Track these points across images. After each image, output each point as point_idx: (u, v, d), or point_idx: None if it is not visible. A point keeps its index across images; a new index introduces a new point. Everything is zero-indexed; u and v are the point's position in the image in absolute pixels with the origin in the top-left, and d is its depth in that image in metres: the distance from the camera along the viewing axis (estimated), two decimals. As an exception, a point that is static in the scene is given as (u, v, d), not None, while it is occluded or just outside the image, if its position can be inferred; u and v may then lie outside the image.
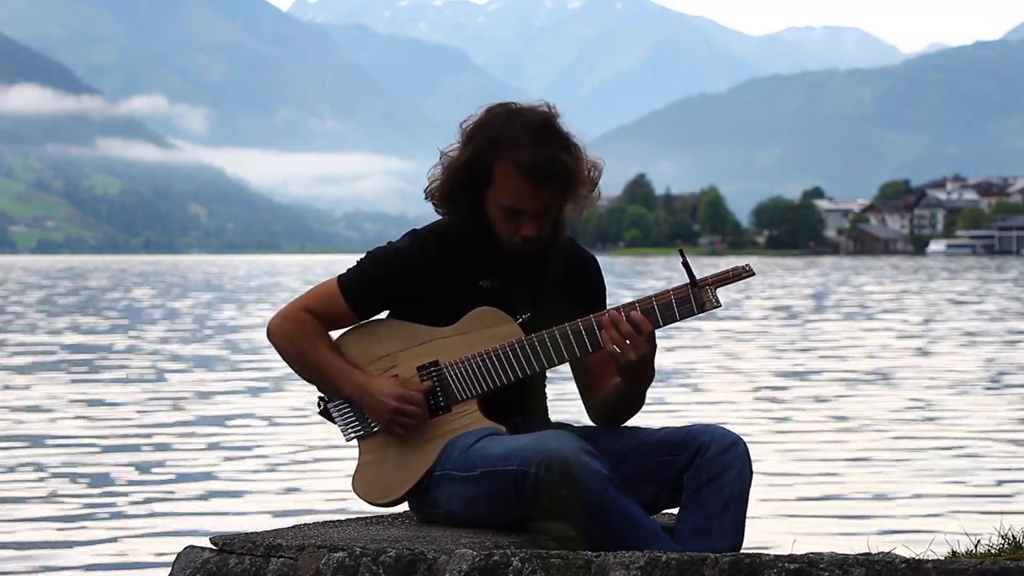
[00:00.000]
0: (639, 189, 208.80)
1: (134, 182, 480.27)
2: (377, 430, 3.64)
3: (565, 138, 3.59)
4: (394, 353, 3.64)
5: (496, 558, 3.09)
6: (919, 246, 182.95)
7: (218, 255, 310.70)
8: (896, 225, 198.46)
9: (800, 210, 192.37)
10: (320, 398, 3.71)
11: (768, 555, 2.93)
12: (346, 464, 8.06)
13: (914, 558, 2.87)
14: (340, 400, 3.67)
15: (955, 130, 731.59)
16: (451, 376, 3.61)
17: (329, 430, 4.36)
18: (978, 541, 4.35)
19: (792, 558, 2.89)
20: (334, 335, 3.70)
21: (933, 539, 5.43)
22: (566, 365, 3.66)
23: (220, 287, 55.72)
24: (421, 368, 3.62)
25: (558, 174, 3.54)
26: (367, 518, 3.85)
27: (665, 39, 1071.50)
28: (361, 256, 3.70)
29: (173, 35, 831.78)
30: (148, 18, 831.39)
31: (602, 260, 3.86)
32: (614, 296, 3.79)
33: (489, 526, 3.53)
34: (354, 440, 3.68)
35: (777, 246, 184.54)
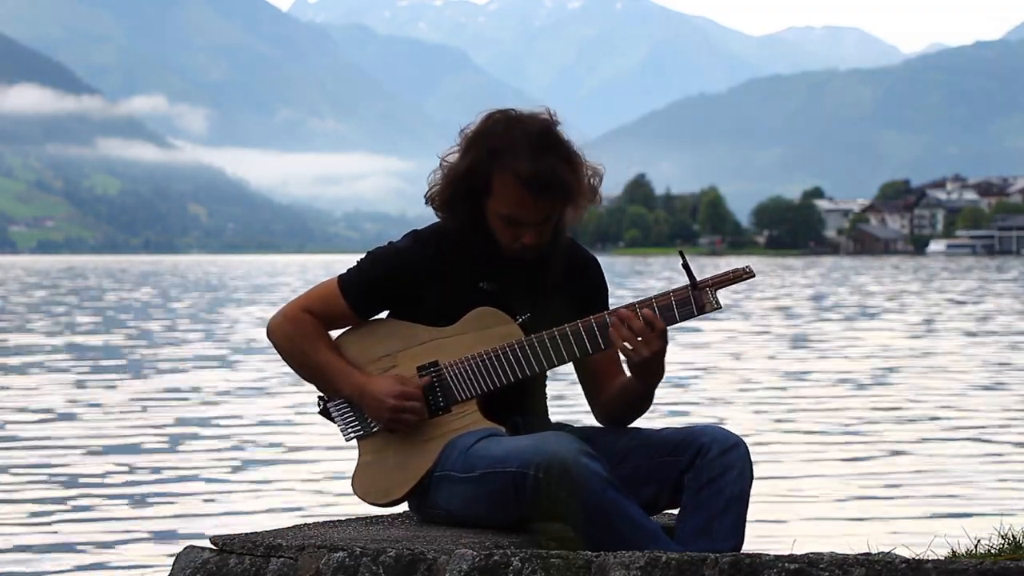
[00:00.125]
0: (639, 189, 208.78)
1: (134, 182, 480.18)
2: (377, 430, 3.64)
3: (565, 147, 3.58)
4: (394, 353, 3.64)
5: (496, 558, 3.09)
6: (919, 246, 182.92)
7: (218, 255, 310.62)
8: (896, 225, 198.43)
9: (800, 210, 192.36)
10: (320, 398, 3.71)
11: (768, 555, 2.93)
12: (346, 464, 8.06)
13: (914, 558, 2.87)
14: (340, 400, 3.67)
15: (955, 130, 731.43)
16: (451, 376, 3.60)
17: (329, 430, 4.35)
18: (978, 541, 4.35)
19: (792, 558, 2.89)
20: (334, 335, 3.69)
21: (933, 539, 5.42)
22: (568, 366, 3.65)
23: (220, 287, 55.70)
24: (421, 368, 3.61)
25: (557, 185, 3.53)
26: (367, 518, 3.84)
27: (665, 39, 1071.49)
28: (361, 256, 3.70)
29: (173, 35, 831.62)
30: (148, 18, 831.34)
31: (602, 260, 3.84)
32: (614, 297, 3.80)
33: (489, 527, 3.53)
34: (354, 440, 3.68)
35: (777, 246, 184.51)
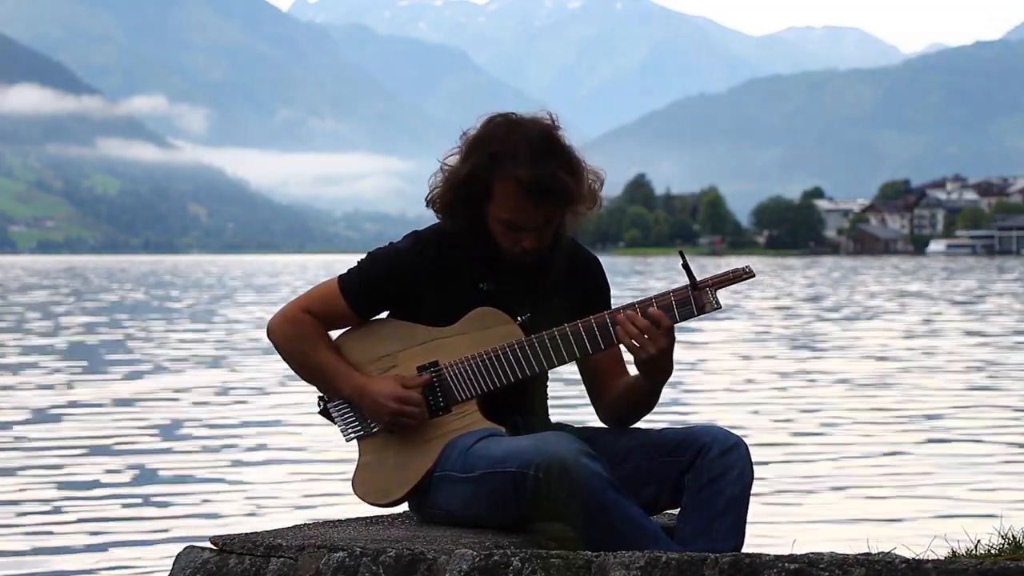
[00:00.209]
0: (639, 189, 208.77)
1: (134, 182, 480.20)
2: (377, 431, 3.64)
3: (566, 152, 3.56)
4: (394, 353, 3.63)
5: (496, 558, 3.09)
6: (919, 246, 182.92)
7: (218, 255, 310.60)
8: (896, 225, 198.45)
9: (800, 210, 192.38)
10: (320, 398, 3.70)
11: (768, 555, 2.93)
12: (346, 464, 8.06)
13: (914, 558, 2.87)
14: (340, 400, 3.67)
15: (955, 130, 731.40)
16: (451, 376, 3.60)
17: (329, 430, 4.35)
18: (978, 541, 4.35)
19: (792, 558, 2.89)
20: (334, 335, 3.69)
21: (933, 539, 5.42)
22: (570, 367, 3.65)
23: (220, 286, 55.69)
24: (421, 368, 3.61)
25: (558, 191, 3.52)
26: (367, 518, 3.84)
27: (665, 39, 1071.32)
28: (362, 256, 3.70)
29: (173, 35, 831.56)
30: (148, 18, 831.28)
31: (602, 260, 3.83)
32: (615, 297, 3.80)
33: (489, 527, 3.52)
34: (354, 440, 3.68)
35: (777, 246, 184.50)
